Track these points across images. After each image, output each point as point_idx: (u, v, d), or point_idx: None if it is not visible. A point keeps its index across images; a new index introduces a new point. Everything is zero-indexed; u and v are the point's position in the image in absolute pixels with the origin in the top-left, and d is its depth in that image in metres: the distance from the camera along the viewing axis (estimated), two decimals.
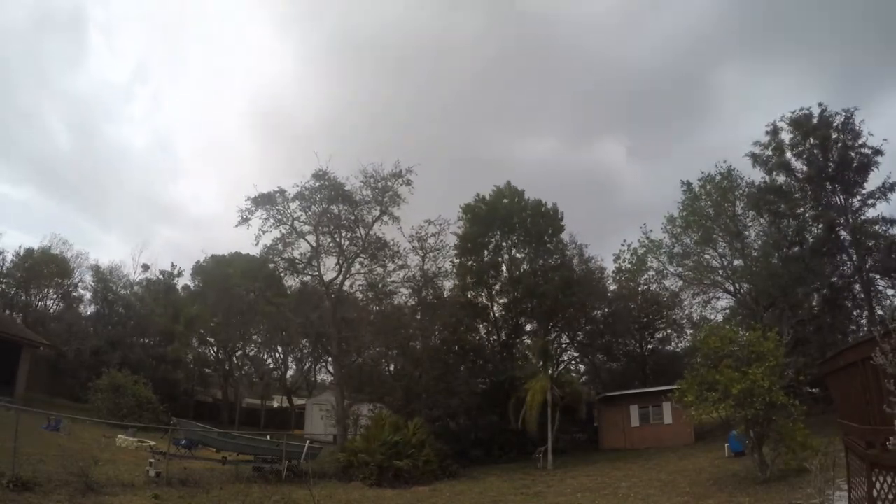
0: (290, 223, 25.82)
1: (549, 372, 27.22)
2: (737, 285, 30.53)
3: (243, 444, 18.23)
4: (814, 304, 29.98)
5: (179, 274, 47.10)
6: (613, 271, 36.50)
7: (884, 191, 27.72)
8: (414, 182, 25.72)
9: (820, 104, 28.50)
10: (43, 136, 75.88)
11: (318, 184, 25.50)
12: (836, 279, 29.24)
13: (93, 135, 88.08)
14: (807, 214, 29.00)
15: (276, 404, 54.62)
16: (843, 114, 28.11)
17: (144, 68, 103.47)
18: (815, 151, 28.44)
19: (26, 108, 72.62)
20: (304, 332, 31.08)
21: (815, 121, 28.38)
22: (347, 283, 27.79)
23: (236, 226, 25.13)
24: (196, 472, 15.35)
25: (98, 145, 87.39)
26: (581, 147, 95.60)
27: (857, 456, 6.97)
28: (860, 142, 27.96)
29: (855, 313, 30.12)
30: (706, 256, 30.39)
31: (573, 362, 40.36)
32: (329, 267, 27.02)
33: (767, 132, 29.52)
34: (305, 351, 47.08)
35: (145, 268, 46.89)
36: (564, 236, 33.69)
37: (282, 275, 29.33)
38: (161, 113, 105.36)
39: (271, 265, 28.47)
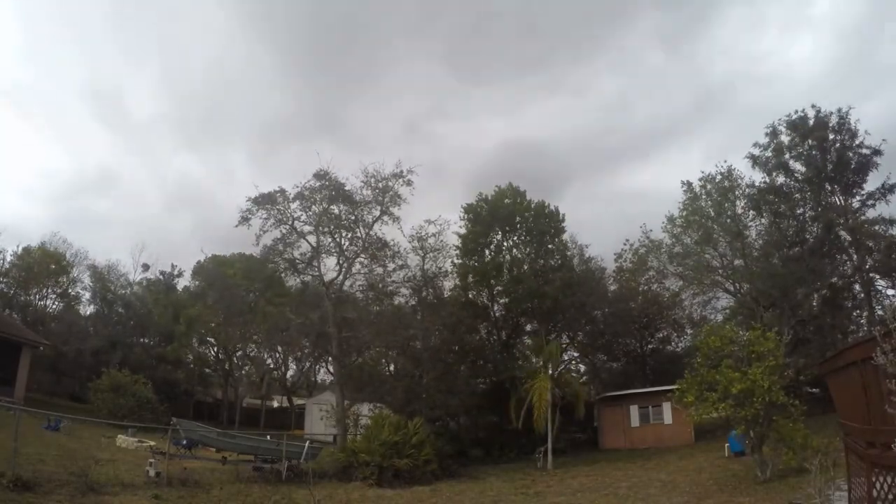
0: (290, 223, 25.84)
1: (550, 372, 27.22)
2: (737, 285, 30.51)
3: (243, 444, 18.23)
4: (814, 304, 29.98)
5: (180, 274, 47.06)
6: (614, 271, 36.56)
7: (883, 192, 27.75)
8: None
9: (814, 106, 28.61)
10: None
11: (318, 184, 25.50)
12: (836, 279, 29.26)
13: None
14: (807, 215, 29.02)
15: (276, 404, 54.58)
16: (837, 114, 28.17)
17: None
18: (813, 153, 28.46)
19: None
20: (305, 332, 31.11)
21: (811, 122, 28.40)
22: (348, 283, 27.78)
23: (236, 226, 25.17)
24: (196, 472, 15.35)
25: None
26: None
27: (857, 456, 6.97)
28: (858, 142, 28.01)
29: (855, 313, 30.16)
30: (706, 256, 30.39)
31: (573, 362, 40.34)
32: (329, 267, 27.02)
33: (767, 134, 29.55)
34: (305, 351, 47.03)
35: (146, 267, 46.51)
36: (565, 237, 33.75)
37: (282, 275, 29.33)
38: None
39: (271, 265, 28.48)
